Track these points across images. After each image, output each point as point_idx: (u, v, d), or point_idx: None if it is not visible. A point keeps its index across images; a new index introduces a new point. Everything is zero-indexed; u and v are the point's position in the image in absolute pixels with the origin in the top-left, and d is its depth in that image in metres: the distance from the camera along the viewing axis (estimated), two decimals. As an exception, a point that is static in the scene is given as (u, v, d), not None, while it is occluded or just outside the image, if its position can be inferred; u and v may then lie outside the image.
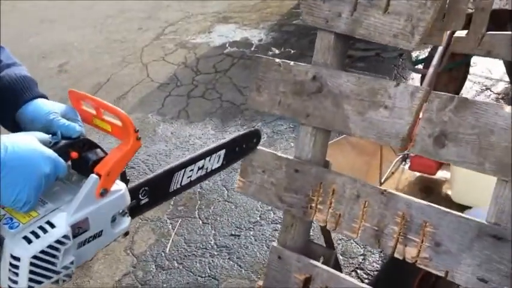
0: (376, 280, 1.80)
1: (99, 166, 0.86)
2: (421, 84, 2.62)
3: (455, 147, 1.08)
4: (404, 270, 1.45)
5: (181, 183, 1.15)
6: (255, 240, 2.60)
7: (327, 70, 1.24)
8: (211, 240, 2.65)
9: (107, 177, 0.86)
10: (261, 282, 1.37)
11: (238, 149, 1.32)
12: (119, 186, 0.92)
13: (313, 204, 1.27)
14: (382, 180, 1.85)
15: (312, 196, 1.27)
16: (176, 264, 2.52)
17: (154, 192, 1.07)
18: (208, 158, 1.21)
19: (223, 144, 1.26)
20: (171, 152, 3.48)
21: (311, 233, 2.41)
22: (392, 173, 1.95)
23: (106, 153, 0.90)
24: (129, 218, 0.96)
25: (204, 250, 2.59)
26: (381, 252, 2.24)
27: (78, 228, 0.85)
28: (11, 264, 0.79)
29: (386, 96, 1.15)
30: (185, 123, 3.84)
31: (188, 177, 1.17)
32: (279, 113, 1.32)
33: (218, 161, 1.25)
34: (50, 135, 0.87)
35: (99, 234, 0.89)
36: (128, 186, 0.96)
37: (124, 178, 0.94)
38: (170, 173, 1.12)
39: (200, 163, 1.19)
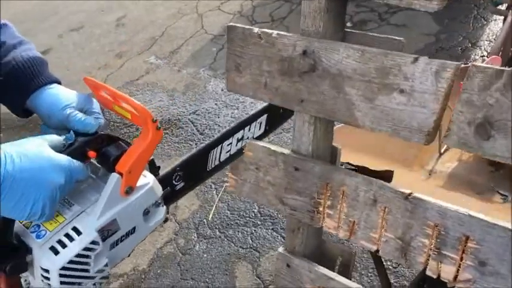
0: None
1: (120, 164, 0.80)
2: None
3: (504, 139, 0.77)
4: None
5: (219, 159, 1.07)
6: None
7: (319, 43, 0.94)
8: (255, 209, 2.50)
9: (129, 175, 0.80)
10: (272, 291, 1.18)
11: (283, 110, 1.14)
12: (147, 179, 0.86)
13: (321, 209, 1.02)
14: (442, 150, 1.52)
15: (318, 199, 1.02)
16: (218, 233, 2.42)
17: (189, 175, 1.00)
18: (247, 128, 1.10)
19: (263, 109, 1.11)
20: (221, 111, 3.31)
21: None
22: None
23: (128, 145, 0.84)
24: (164, 207, 0.91)
25: (247, 219, 2.45)
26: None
27: (107, 231, 0.81)
28: (42, 275, 0.77)
29: (401, 76, 0.85)
30: (236, 78, 3.61)
31: (227, 152, 1.08)
32: (266, 97, 1.04)
33: (260, 127, 1.13)
34: (65, 136, 0.81)
35: (132, 231, 0.86)
36: (159, 175, 0.91)
37: (153, 167, 0.90)
38: (205, 153, 1.03)
39: (238, 135, 1.09)
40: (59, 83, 0.92)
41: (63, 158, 0.76)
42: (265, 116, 1.11)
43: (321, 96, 0.95)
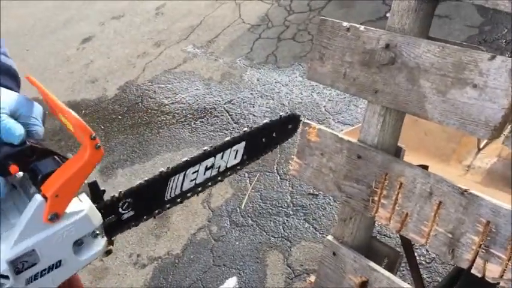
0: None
1: (45, 185, 0.68)
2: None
3: None
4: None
5: (181, 188, 0.92)
6: (334, 201, 2.44)
7: (403, 37, 0.99)
8: (287, 198, 2.55)
9: (55, 199, 0.67)
10: (312, 278, 1.22)
11: (266, 140, 1.05)
12: (82, 204, 0.73)
13: (376, 198, 1.06)
14: (481, 146, 1.52)
15: (375, 188, 1.07)
16: (250, 222, 2.47)
17: (141, 203, 0.86)
18: (220, 155, 0.97)
19: (241, 136, 1.00)
20: (256, 101, 3.36)
21: (379, 228, 2.20)
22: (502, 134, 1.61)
23: (63, 162, 0.71)
24: (104, 238, 0.78)
25: (280, 208, 2.50)
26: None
27: (22, 263, 0.68)
28: None
29: (476, 72, 0.89)
30: (272, 68, 3.68)
31: (192, 180, 0.93)
32: (342, 87, 1.11)
33: (236, 156, 1.01)
34: None
35: (56, 265, 0.72)
36: (103, 200, 0.79)
37: (96, 191, 0.77)
38: (161, 180, 0.89)
39: (207, 162, 0.95)
40: (11, 88, 0.80)
41: None
42: (243, 143, 1.00)
43: (396, 87, 1.00)
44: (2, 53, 0.84)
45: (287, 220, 2.43)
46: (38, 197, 0.68)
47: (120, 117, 3.57)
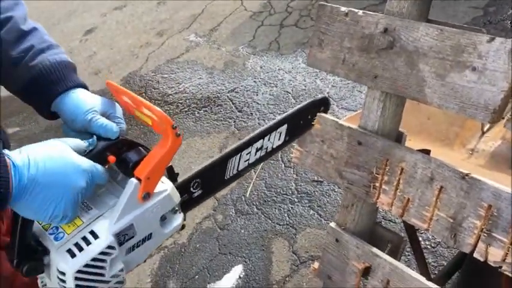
0: (443, 274, 1.55)
1: (138, 170, 0.80)
2: None
3: None
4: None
5: (237, 168, 1.04)
6: (339, 187, 2.44)
7: (401, 21, 0.98)
8: (292, 186, 2.55)
9: (147, 181, 0.80)
10: (316, 265, 1.22)
11: (303, 122, 1.15)
12: (165, 185, 0.85)
13: (377, 184, 1.06)
14: (485, 129, 1.49)
15: (376, 174, 1.06)
16: (255, 210, 2.47)
17: (207, 183, 0.98)
18: (267, 137, 1.07)
19: (283, 119, 1.10)
20: (259, 89, 3.35)
21: (384, 214, 2.20)
22: (502, 118, 1.59)
23: (148, 151, 0.83)
24: (181, 214, 0.89)
25: (284, 196, 2.50)
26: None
27: (123, 236, 0.80)
28: (58, 277, 0.77)
29: (475, 54, 0.88)
30: (275, 55, 3.66)
31: (246, 161, 1.05)
32: (342, 73, 1.10)
33: (280, 138, 1.11)
34: (87, 140, 0.81)
35: (148, 237, 0.84)
36: (177, 181, 0.90)
37: (172, 174, 0.89)
38: (223, 161, 1.01)
39: (258, 144, 1.06)
40: (85, 86, 0.93)
41: (86, 162, 0.76)
42: (285, 126, 1.10)
43: (395, 72, 0.99)
44: (63, 52, 0.94)
45: (292, 207, 2.43)
46: (133, 180, 0.79)
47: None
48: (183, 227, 0.91)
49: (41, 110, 0.92)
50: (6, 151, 0.71)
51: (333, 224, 1.18)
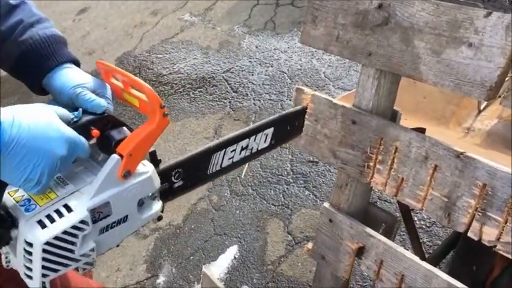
0: (437, 253, 1.55)
1: (121, 146, 0.77)
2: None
3: None
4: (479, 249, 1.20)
5: (221, 165, 1.02)
6: (334, 168, 2.43)
7: (396, -4, 0.95)
8: (287, 167, 2.54)
9: (129, 158, 0.77)
10: (310, 245, 1.22)
11: (290, 127, 1.14)
12: (146, 168, 0.83)
13: (371, 163, 1.05)
14: (482, 107, 1.48)
15: (370, 153, 1.05)
16: (250, 191, 2.46)
17: (189, 174, 0.95)
18: (253, 137, 1.05)
19: (270, 121, 1.08)
20: (255, 69, 3.32)
21: (379, 194, 2.19)
22: (499, 96, 1.57)
23: (131, 132, 0.81)
24: (160, 202, 0.86)
25: (280, 177, 2.49)
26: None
27: (98, 213, 0.77)
28: (25, 250, 0.73)
29: (471, 30, 0.85)
30: (271, 35, 3.62)
31: (230, 159, 1.03)
32: (336, 50, 1.07)
33: (266, 140, 1.08)
34: (73, 113, 0.79)
35: (123, 219, 0.81)
36: (159, 167, 0.87)
37: (154, 159, 0.86)
38: (208, 154, 0.99)
39: (243, 143, 1.04)
40: (76, 61, 0.91)
41: (70, 131, 0.75)
42: (271, 129, 1.08)
43: (389, 49, 0.97)
44: (53, 26, 0.92)
45: (287, 188, 2.43)
46: (115, 156, 0.77)
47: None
48: (159, 218, 0.88)
49: (33, 86, 0.90)
50: None
51: (326, 204, 1.17)
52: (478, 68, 0.85)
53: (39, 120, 0.71)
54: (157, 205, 0.86)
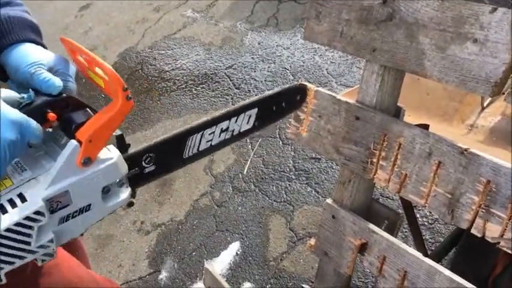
0: (440, 250, 1.55)
1: (80, 131, 0.72)
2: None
3: None
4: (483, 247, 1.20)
5: (198, 148, 0.95)
6: (337, 164, 2.43)
7: (400, -9, 0.95)
8: (289, 163, 2.54)
9: (89, 144, 0.72)
10: (312, 241, 1.22)
11: (276, 108, 1.07)
12: (111, 153, 0.77)
13: (375, 160, 1.04)
14: (485, 104, 1.48)
15: (373, 149, 1.04)
16: (253, 187, 2.47)
17: (162, 159, 0.90)
18: (234, 119, 0.98)
19: (254, 101, 1.01)
20: (257, 65, 3.31)
21: (381, 191, 2.19)
22: (503, 93, 1.57)
23: (95, 114, 0.76)
24: (128, 188, 0.82)
25: (282, 173, 2.49)
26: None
27: (56, 203, 0.72)
28: None
29: (477, 26, 0.85)
30: (274, 31, 3.61)
31: (208, 142, 0.96)
32: (339, 46, 1.07)
33: (248, 121, 1.02)
34: (22, 95, 0.74)
35: (86, 208, 0.77)
36: (127, 152, 0.82)
37: (122, 144, 0.80)
38: (182, 137, 0.92)
39: (223, 125, 0.97)
40: (41, 44, 0.86)
41: (16, 114, 0.69)
42: (255, 109, 1.01)
43: (394, 45, 0.96)
44: (25, 11, 0.87)
45: (289, 184, 2.43)
46: (73, 142, 0.72)
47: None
48: (130, 204, 0.84)
49: None
50: None
51: (329, 201, 1.17)
52: (483, 64, 0.85)
53: None
54: (125, 192, 0.81)
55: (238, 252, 2.18)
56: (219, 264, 2.16)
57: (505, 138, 1.36)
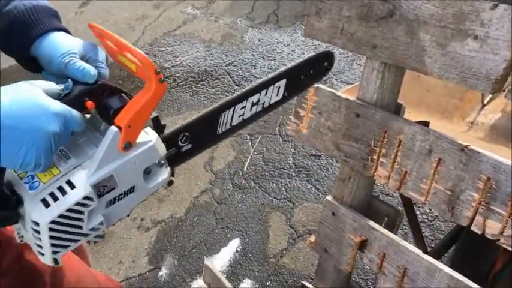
0: (440, 247, 1.55)
1: (118, 117, 0.74)
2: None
3: None
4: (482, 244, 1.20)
5: (231, 123, 0.97)
6: (337, 161, 2.43)
7: (401, -13, 0.95)
8: (289, 160, 2.54)
9: (128, 130, 0.74)
10: (313, 238, 1.22)
11: (304, 77, 1.06)
12: (149, 136, 0.80)
13: (375, 157, 1.04)
14: (486, 101, 1.48)
15: (373, 146, 1.04)
16: (253, 184, 2.46)
17: (197, 137, 0.92)
18: (264, 92, 0.99)
19: (282, 72, 1.01)
20: (257, 62, 3.31)
21: (382, 188, 2.19)
22: (503, 90, 1.57)
23: (130, 98, 0.78)
24: (168, 168, 0.84)
25: (282, 170, 2.49)
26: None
27: (103, 187, 0.76)
28: (32, 228, 0.72)
29: (478, 22, 0.85)
30: (274, 28, 3.61)
31: (240, 116, 0.98)
32: (340, 42, 1.07)
33: (278, 93, 1.02)
34: (61, 85, 0.75)
35: (130, 190, 0.80)
36: (164, 133, 0.84)
37: (158, 125, 0.83)
38: (215, 114, 0.94)
39: (254, 98, 0.98)
40: (66, 31, 0.86)
41: (58, 105, 0.71)
42: (284, 80, 1.01)
43: (394, 42, 0.96)
44: None
45: (289, 181, 2.43)
46: (113, 128, 0.74)
47: (120, 81, 3.53)
48: (170, 182, 0.86)
49: (20, 58, 0.86)
50: None
51: (329, 197, 1.17)
52: (483, 61, 0.85)
53: (20, 98, 0.67)
54: (165, 172, 0.84)
55: (238, 249, 2.18)
56: (219, 261, 2.16)
57: (505, 135, 1.36)
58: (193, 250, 2.25)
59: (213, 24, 3.89)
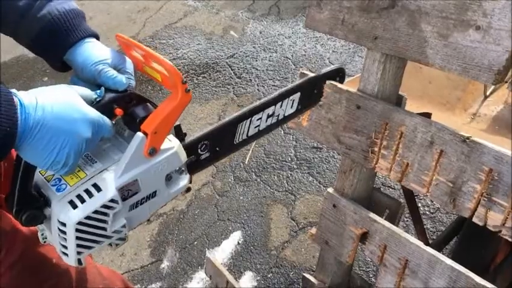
0: (441, 239, 1.55)
1: (145, 124, 0.78)
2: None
3: None
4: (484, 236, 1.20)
5: (247, 133, 1.01)
6: (338, 154, 2.43)
7: (402, -22, 0.94)
8: (291, 153, 2.53)
9: (154, 136, 0.77)
10: (313, 230, 1.22)
11: (317, 91, 1.11)
12: (172, 143, 0.83)
13: (376, 149, 1.04)
14: (488, 93, 1.47)
15: (375, 138, 1.04)
16: (254, 177, 2.46)
17: (215, 145, 0.96)
18: (279, 104, 1.03)
19: (296, 86, 1.05)
20: (258, 54, 3.30)
21: (383, 180, 2.18)
22: (506, 81, 1.56)
23: (156, 108, 0.81)
24: (188, 175, 0.87)
25: (283, 163, 2.49)
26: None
27: (127, 191, 0.79)
28: (58, 229, 0.75)
29: (480, 13, 0.84)
30: (275, 20, 3.59)
31: (256, 127, 1.02)
32: (341, 34, 1.06)
33: (292, 105, 1.06)
34: (95, 92, 0.79)
35: (152, 195, 0.83)
36: (185, 141, 0.88)
37: (179, 133, 0.86)
38: (233, 124, 0.98)
39: (269, 110, 1.02)
40: (96, 35, 0.90)
41: (94, 112, 0.75)
42: (298, 94, 1.05)
43: (396, 33, 0.96)
44: None
45: (291, 174, 2.43)
46: (140, 134, 0.77)
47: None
48: (188, 189, 0.89)
49: (53, 62, 0.90)
50: (13, 90, 0.69)
51: (330, 190, 1.17)
52: (485, 52, 0.84)
53: (62, 102, 0.71)
54: (185, 178, 0.87)
55: (240, 242, 2.19)
56: (221, 254, 2.16)
57: (507, 126, 1.36)
58: (195, 242, 2.26)
59: (214, 16, 3.87)
